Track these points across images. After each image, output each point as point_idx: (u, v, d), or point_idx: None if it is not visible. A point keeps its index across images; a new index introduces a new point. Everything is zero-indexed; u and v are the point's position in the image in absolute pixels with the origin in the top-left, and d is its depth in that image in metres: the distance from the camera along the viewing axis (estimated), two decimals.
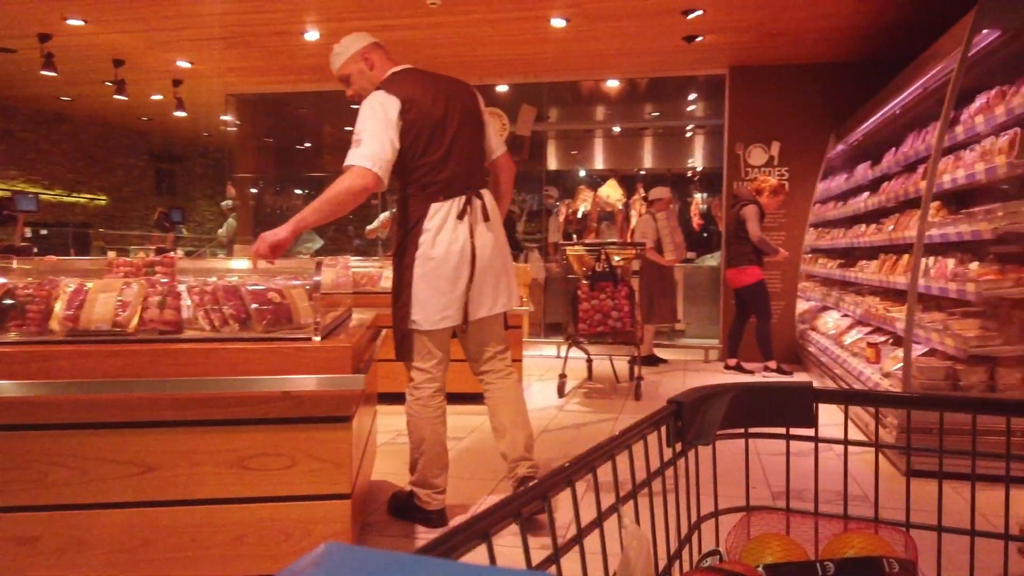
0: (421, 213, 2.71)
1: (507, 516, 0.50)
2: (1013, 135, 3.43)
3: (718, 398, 0.82)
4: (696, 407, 0.79)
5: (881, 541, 0.74)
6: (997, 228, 3.36)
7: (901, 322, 4.44)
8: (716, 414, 0.82)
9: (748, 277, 6.37)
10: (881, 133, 6.21)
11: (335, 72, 2.94)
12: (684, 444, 0.79)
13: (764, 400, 0.85)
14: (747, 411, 0.85)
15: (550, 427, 4.57)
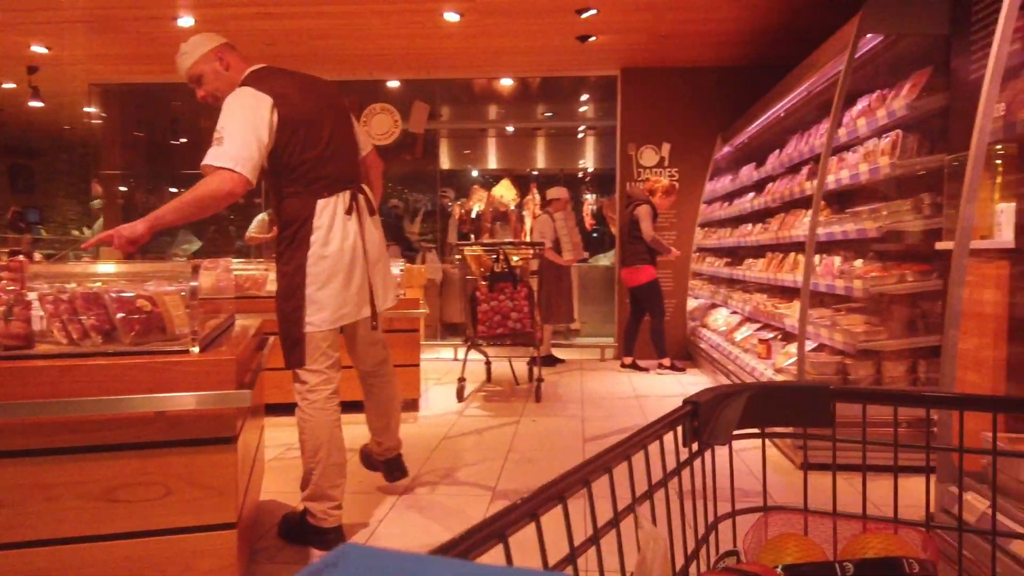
0: (308, 211, 2.61)
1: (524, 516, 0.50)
2: (895, 137, 3.57)
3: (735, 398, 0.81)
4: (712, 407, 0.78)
5: (901, 541, 0.74)
6: (882, 226, 3.49)
7: (790, 318, 4.58)
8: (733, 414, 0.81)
9: (642, 276, 6.45)
10: (765, 136, 6.43)
11: (184, 72, 2.72)
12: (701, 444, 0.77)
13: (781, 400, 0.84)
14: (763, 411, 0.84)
15: (451, 433, 4.41)
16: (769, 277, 5.25)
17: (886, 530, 0.77)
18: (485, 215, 10.14)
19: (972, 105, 3.21)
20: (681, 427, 0.76)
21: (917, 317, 3.70)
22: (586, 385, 5.98)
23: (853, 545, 0.76)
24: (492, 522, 0.47)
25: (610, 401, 5.32)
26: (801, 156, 5.08)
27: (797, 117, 5.67)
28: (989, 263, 2.94)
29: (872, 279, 3.51)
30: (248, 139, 2.45)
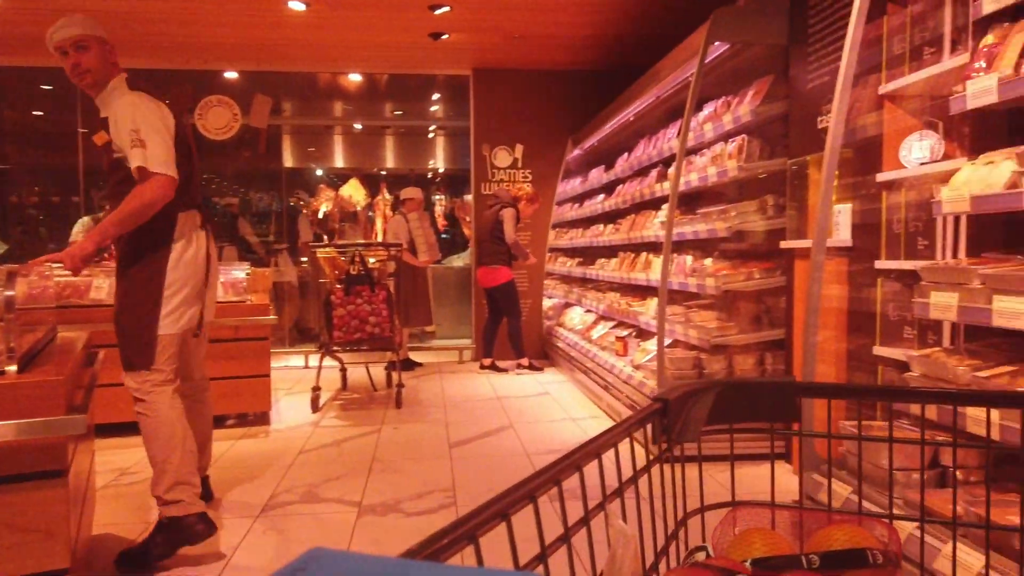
0: (171, 221, 2.72)
1: (494, 517, 0.50)
2: (741, 141, 3.77)
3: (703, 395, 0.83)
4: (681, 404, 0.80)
5: (864, 533, 0.75)
6: (731, 227, 3.66)
7: (645, 316, 4.73)
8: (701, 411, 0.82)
9: (500, 277, 6.44)
10: (615, 139, 6.64)
11: (73, 33, 2.63)
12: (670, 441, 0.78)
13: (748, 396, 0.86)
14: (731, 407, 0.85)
15: (308, 446, 4.16)
16: (623, 276, 5.40)
17: (851, 522, 0.78)
18: (333, 215, 9.77)
19: (809, 112, 3.44)
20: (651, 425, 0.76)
21: (762, 312, 3.92)
22: (447, 388, 5.88)
23: (819, 538, 0.77)
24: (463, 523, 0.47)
25: (472, 403, 5.25)
26: (650, 159, 5.27)
27: (646, 121, 5.88)
28: (830, 260, 3.15)
29: (723, 277, 3.68)
30: (167, 141, 2.59)
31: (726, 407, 0.84)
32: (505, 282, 6.46)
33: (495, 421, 4.70)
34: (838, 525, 0.77)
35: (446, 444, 4.17)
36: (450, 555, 0.45)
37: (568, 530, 0.60)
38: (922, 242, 2.62)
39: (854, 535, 0.75)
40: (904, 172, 2.71)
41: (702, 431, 0.82)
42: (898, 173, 2.75)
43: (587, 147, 7.23)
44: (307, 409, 5.06)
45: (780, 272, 3.70)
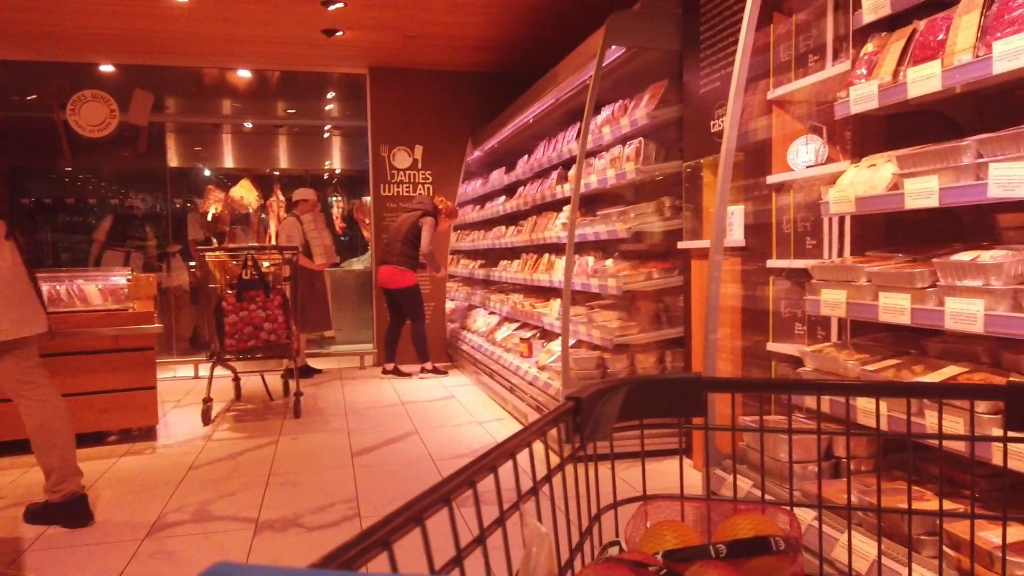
0: None
1: (408, 522, 0.50)
2: (638, 144, 3.84)
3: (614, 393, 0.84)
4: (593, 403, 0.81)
5: (768, 521, 0.79)
6: (630, 228, 3.72)
7: (548, 317, 4.75)
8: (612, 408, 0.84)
9: (406, 280, 6.29)
10: (515, 141, 6.65)
11: None
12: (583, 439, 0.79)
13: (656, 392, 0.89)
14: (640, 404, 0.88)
15: (199, 462, 3.93)
16: (526, 278, 5.41)
17: (755, 512, 0.81)
18: (223, 218, 9.36)
19: (703, 116, 3.54)
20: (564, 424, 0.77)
21: (661, 311, 4.01)
22: (348, 395, 5.72)
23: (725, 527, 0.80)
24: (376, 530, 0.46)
25: (375, 410, 5.13)
26: (550, 161, 5.31)
27: (545, 124, 5.92)
28: (725, 260, 3.25)
29: (623, 277, 3.73)
30: None
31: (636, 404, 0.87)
32: (410, 285, 6.32)
33: (399, 427, 4.60)
34: (743, 515, 0.80)
35: (348, 453, 4.04)
36: (363, 563, 0.45)
37: (483, 531, 0.60)
38: (810, 241, 2.74)
39: (758, 524, 0.77)
40: (792, 175, 2.82)
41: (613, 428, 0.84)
42: (786, 175, 2.87)
43: (487, 149, 7.22)
44: (198, 422, 4.80)
45: (678, 272, 3.79)
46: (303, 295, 6.22)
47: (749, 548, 0.73)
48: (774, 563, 0.73)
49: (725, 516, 0.82)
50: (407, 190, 7.28)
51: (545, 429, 0.71)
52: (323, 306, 6.51)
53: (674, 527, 0.81)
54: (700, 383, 0.89)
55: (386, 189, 7.24)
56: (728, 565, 0.72)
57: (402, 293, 6.33)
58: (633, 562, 0.70)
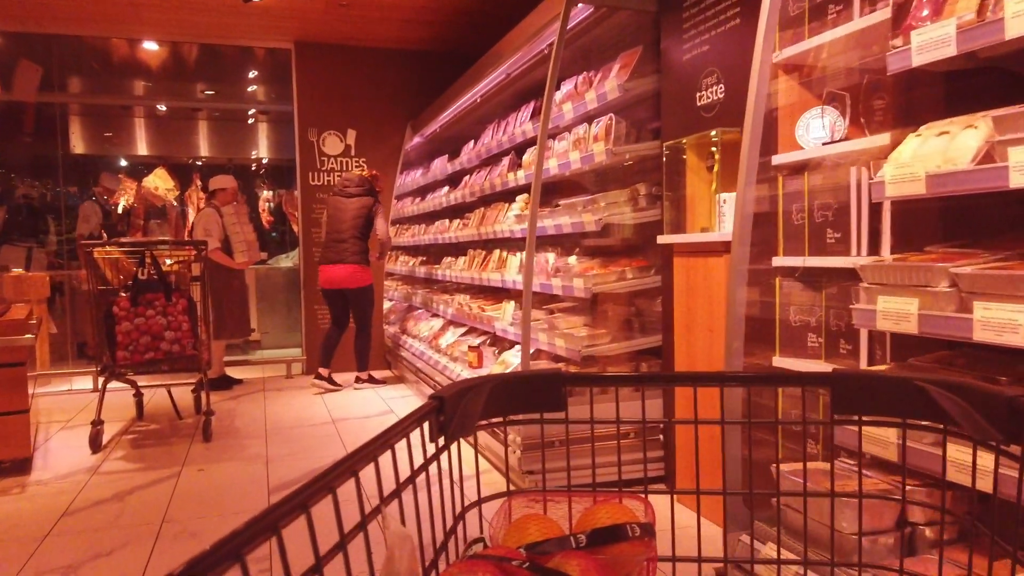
0: None
1: (263, 531, 0.47)
2: (609, 122, 3.28)
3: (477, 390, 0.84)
4: (456, 401, 0.81)
5: (625, 509, 0.81)
6: (600, 219, 3.16)
7: (501, 322, 4.17)
8: (476, 405, 0.84)
9: (364, 278, 5.54)
10: (459, 126, 6.03)
11: None
12: (447, 438, 0.79)
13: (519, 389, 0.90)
14: (504, 400, 0.88)
15: (77, 505, 3.20)
16: (473, 276, 4.82)
17: (612, 500, 0.84)
18: (136, 210, 8.48)
19: (686, 87, 3.00)
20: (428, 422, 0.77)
21: (633, 316, 3.47)
22: (272, 411, 5.01)
23: (585, 518, 0.82)
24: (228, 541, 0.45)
25: (302, 431, 4.45)
26: (500, 147, 4.72)
27: (494, 105, 5.32)
28: (716, 257, 2.72)
29: (593, 277, 3.17)
30: None
31: (500, 401, 0.87)
32: (368, 285, 5.60)
33: (329, 453, 3.94)
34: (601, 504, 0.83)
35: (265, 490, 3.37)
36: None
37: (344, 537, 0.58)
38: (832, 235, 2.22)
39: (615, 512, 0.80)
40: (811, 152, 2.31)
41: (477, 425, 0.84)
42: (802, 154, 2.35)
43: (428, 134, 6.58)
44: (86, 448, 4.04)
45: (654, 271, 3.26)
46: (221, 297, 5.48)
47: (606, 536, 0.75)
48: (631, 549, 0.75)
49: (586, 507, 0.84)
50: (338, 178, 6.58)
51: (409, 429, 0.71)
52: (242, 309, 5.78)
53: (537, 520, 0.82)
54: (561, 378, 0.90)
55: (315, 178, 6.54)
56: (588, 554, 0.73)
57: (361, 294, 5.57)
58: (497, 557, 0.70)
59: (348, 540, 0.59)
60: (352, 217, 5.54)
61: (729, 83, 2.69)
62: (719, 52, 2.76)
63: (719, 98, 2.75)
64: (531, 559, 0.72)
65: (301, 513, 0.52)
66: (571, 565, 0.71)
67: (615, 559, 0.75)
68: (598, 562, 0.72)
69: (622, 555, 0.75)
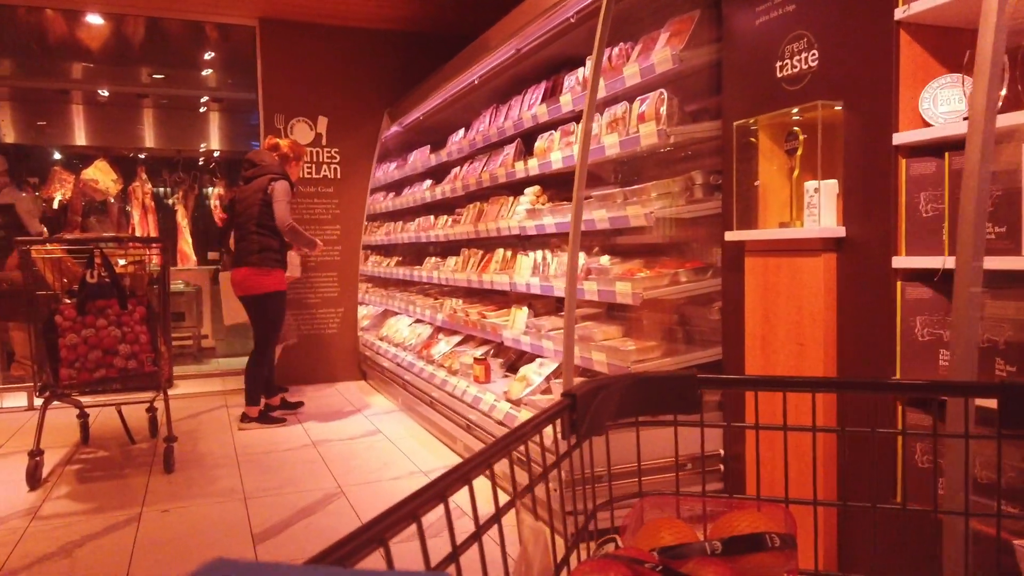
0: None
1: (404, 518, 0.49)
2: (659, 98, 2.82)
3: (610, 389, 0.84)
4: (589, 399, 0.80)
5: (763, 518, 0.78)
6: (652, 212, 2.70)
7: (510, 330, 3.68)
8: (608, 405, 0.84)
9: (270, 283, 4.43)
10: (444, 113, 5.51)
11: None
12: (579, 436, 0.79)
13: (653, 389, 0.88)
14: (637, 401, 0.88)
15: (14, 564, 2.59)
16: (470, 279, 4.31)
17: (750, 508, 0.81)
18: (74, 206, 7.70)
19: (759, 57, 2.55)
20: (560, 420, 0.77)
21: (677, 325, 3.02)
22: (239, 433, 4.41)
23: (721, 524, 0.79)
24: (371, 526, 0.46)
25: (279, 456, 3.87)
26: (502, 134, 4.23)
27: (488, 90, 4.81)
28: (811, 257, 2.29)
29: (643, 281, 2.70)
30: None
31: (632, 401, 0.87)
32: (275, 291, 4.46)
33: (316, 484, 3.38)
34: (739, 511, 0.80)
35: (247, 535, 2.80)
36: (358, 559, 0.44)
37: (479, 528, 0.59)
38: (996, 230, 1.80)
39: (754, 520, 0.77)
40: (949, 129, 1.89)
41: (609, 425, 0.84)
42: (935, 132, 1.93)
43: (408, 124, 6.03)
44: (22, 484, 3.40)
45: (711, 273, 2.81)
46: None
47: (744, 545, 0.73)
48: (770, 560, 0.72)
49: (721, 513, 0.82)
50: (308, 171, 5.99)
51: (541, 427, 0.72)
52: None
53: (670, 524, 0.80)
54: (695, 380, 0.88)
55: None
56: (723, 562, 0.71)
57: (257, 304, 4.44)
58: (629, 559, 0.70)
59: (483, 531, 0.59)
60: (248, 206, 4.46)
61: (826, 48, 2.25)
62: (811, 12, 2.32)
63: (811, 67, 2.31)
64: (664, 563, 0.71)
65: (439, 502, 0.53)
66: (706, 572, 0.69)
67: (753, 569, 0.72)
68: (734, 571, 0.70)
69: (760, 566, 0.73)
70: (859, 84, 2.15)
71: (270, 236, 4.44)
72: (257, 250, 4.41)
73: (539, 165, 3.67)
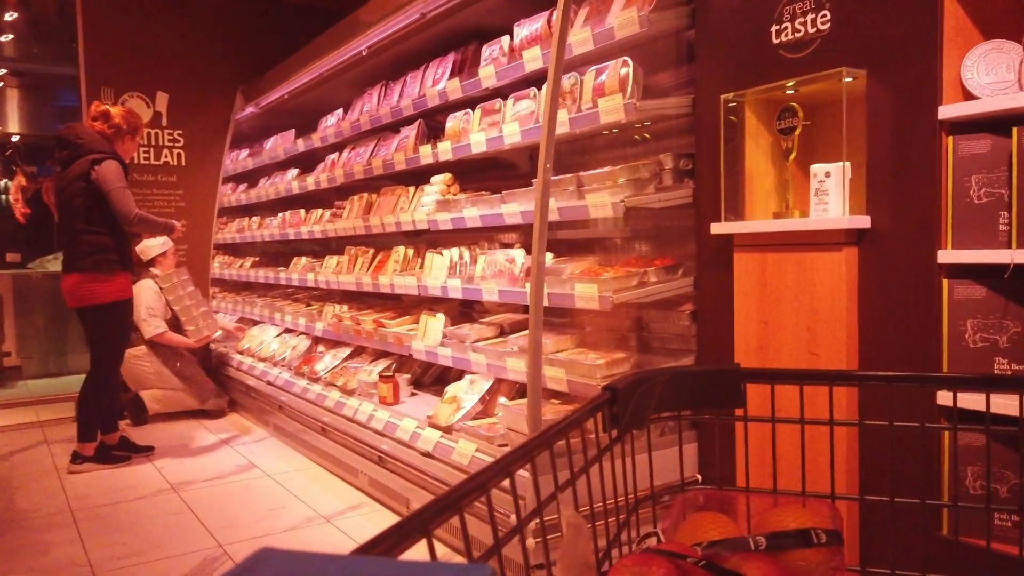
0: None
1: (447, 509, 0.49)
2: (623, 69, 2.41)
3: (651, 383, 0.82)
4: (630, 393, 0.79)
5: (809, 513, 0.77)
6: (623, 202, 2.28)
7: (421, 341, 3.16)
8: (649, 399, 0.82)
9: (110, 290, 3.54)
10: (314, 94, 4.82)
11: None
12: (620, 430, 0.78)
13: (694, 383, 0.88)
14: (678, 395, 0.86)
15: None
16: (361, 281, 3.71)
17: (795, 503, 0.80)
18: None
19: (748, 21, 2.22)
20: (601, 414, 0.76)
21: (631, 331, 2.64)
22: (71, 478, 3.51)
23: (765, 519, 0.79)
24: (415, 517, 0.46)
25: (129, 509, 3.07)
26: (397, 115, 3.67)
27: (370, 68, 4.21)
28: (829, 252, 1.97)
29: (611, 282, 2.28)
30: None
31: (673, 395, 0.85)
32: (116, 300, 3.55)
33: (188, 544, 2.66)
34: (783, 507, 0.79)
35: None
36: (402, 550, 0.44)
37: (521, 520, 0.59)
38: None
39: (799, 516, 0.76)
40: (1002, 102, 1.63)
41: (651, 419, 0.83)
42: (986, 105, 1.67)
43: (267, 105, 5.26)
44: None
45: (681, 271, 2.45)
46: None
47: (789, 540, 0.72)
48: (816, 556, 0.72)
49: (765, 508, 0.81)
50: (144, 156, 5.06)
51: (582, 420, 0.71)
52: None
53: (713, 519, 0.80)
54: (738, 373, 0.87)
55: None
56: (768, 558, 0.70)
57: (92, 315, 3.55)
58: (671, 553, 0.69)
59: (524, 524, 0.59)
60: (68, 198, 3.57)
61: (842, 7, 1.95)
62: None
63: (820, 30, 2.00)
64: (707, 558, 0.69)
65: (481, 494, 0.53)
66: (751, 567, 0.68)
67: (798, 566, 0.71)
68: (779, 567, 0.69)
69: (806, 562, 0.71)
70: (889, 49, 1.85)
71: (103, 233, 3.55)
72: (88, 252, 3.52)
73: (453, 149, 3.17)
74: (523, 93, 2.89)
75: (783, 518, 0.76)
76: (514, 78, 2.90)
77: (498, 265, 2.80)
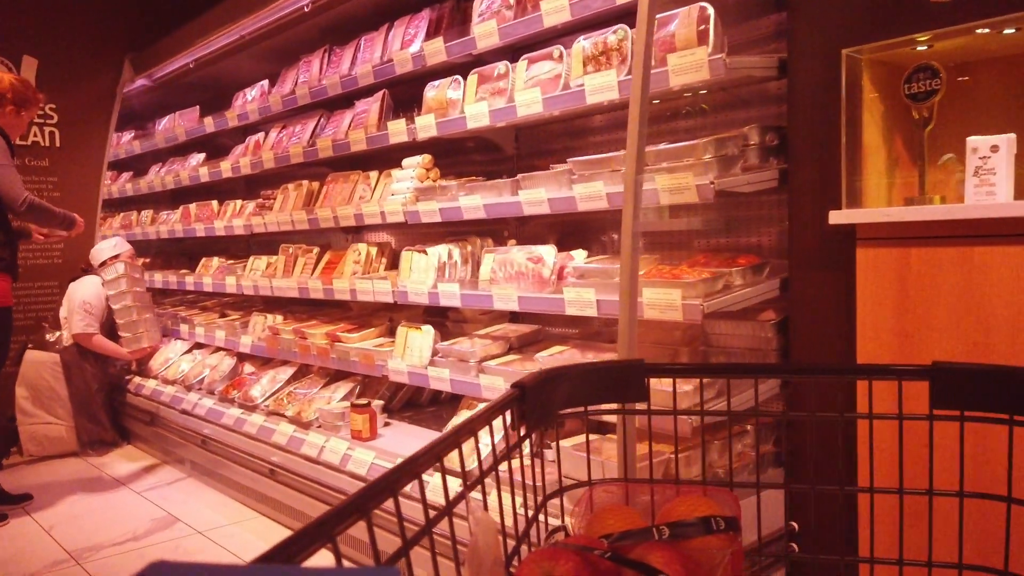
0: None
1: (352, 514, 0.48)
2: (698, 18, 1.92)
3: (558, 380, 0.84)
4: (538, 390, 0.80)
5: (709, 502, 0.79)
6: (712, 183, 1.79)
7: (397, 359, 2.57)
8: (558, 395, 0.84)
9: None
10: (226, 63, 4.05)
11: None
12: (528, 427, 0.78)
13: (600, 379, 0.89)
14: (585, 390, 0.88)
15: None
16: (309, 286, 3.03)
17: (696, 493, 0.82)
18: None
19: None
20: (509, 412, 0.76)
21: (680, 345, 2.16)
22: None
23: (668, 509, 0.80)
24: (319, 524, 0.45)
25: None
26: (350, 85, 3.04)
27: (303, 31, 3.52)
28: (1004, 246, 1.57)
29: (697, 287, 1.79)
30: None
31: (580, 391, 0.86)
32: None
33: None
34: (685, 497, 0.80)
35: None
36: (306, 557, 0.43)
37: (429, 521, 0.59)
38: None
39: (699, 505, 0.78)
40: None
41: (559, 415, 0.84)
42: None
43: (162, 77, 4.41)
44: None
45: (767, 272, 2.00)
46: None
47: (691, 529, 0.73)
48: (715, 543, 0.73)
49: (668, 499, 0.82)
50: None
51: (491, 418, 0.71)
52: None
53: (618, 511, 0.81)
54: (642, 368, 0.88)
55: None
56: (671, 546, 0.72)
57: None
58: (579, 546, 0.69)
59: (433, 524, 0.58)
60: None
61: None
62: None
63: None
64: (613, 549, 0.70)
65: (389, 496, 0.52)
66: (654, 557, 0.69)
67: (698, 552, 0.72)
68: (681, 555, 0.70)
69: (706, 549, 0.72)
70: None
71: None
72: None
73: (438, 124, 2.58)
74: (543, 53, 2.34)
75: (685, 508, 0.77)
76: (522, 35, 2.35)
77: (517, 266, 2.24)
